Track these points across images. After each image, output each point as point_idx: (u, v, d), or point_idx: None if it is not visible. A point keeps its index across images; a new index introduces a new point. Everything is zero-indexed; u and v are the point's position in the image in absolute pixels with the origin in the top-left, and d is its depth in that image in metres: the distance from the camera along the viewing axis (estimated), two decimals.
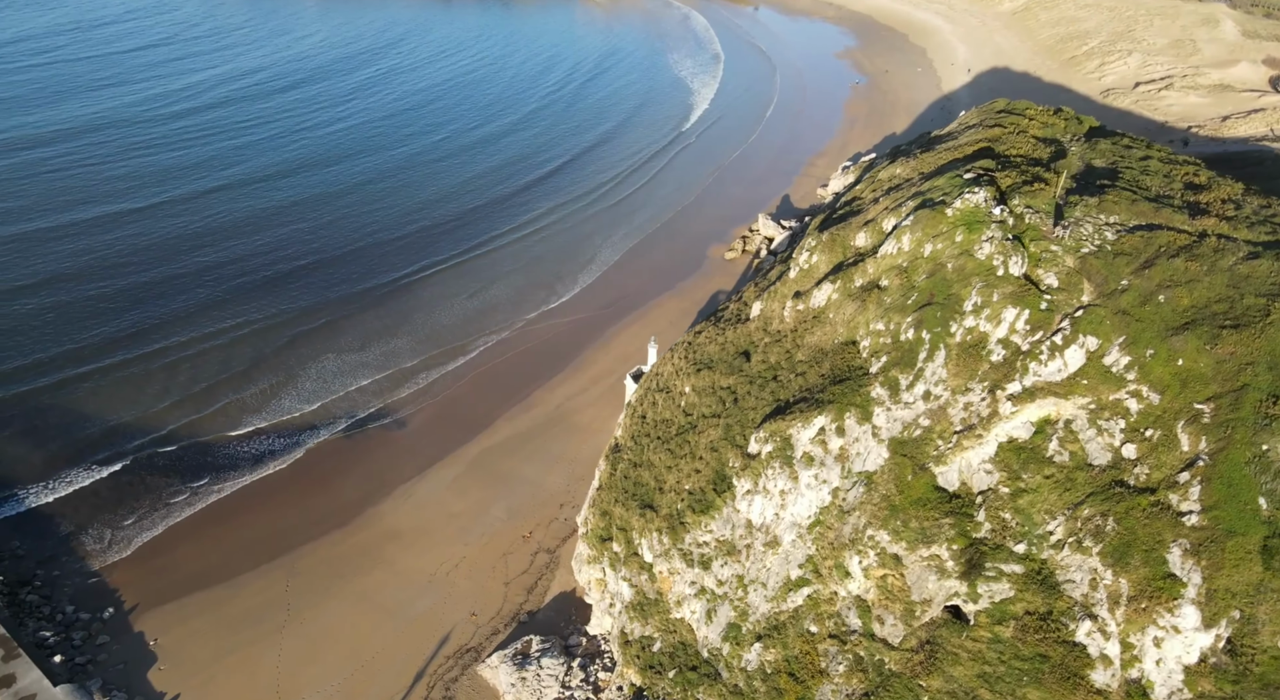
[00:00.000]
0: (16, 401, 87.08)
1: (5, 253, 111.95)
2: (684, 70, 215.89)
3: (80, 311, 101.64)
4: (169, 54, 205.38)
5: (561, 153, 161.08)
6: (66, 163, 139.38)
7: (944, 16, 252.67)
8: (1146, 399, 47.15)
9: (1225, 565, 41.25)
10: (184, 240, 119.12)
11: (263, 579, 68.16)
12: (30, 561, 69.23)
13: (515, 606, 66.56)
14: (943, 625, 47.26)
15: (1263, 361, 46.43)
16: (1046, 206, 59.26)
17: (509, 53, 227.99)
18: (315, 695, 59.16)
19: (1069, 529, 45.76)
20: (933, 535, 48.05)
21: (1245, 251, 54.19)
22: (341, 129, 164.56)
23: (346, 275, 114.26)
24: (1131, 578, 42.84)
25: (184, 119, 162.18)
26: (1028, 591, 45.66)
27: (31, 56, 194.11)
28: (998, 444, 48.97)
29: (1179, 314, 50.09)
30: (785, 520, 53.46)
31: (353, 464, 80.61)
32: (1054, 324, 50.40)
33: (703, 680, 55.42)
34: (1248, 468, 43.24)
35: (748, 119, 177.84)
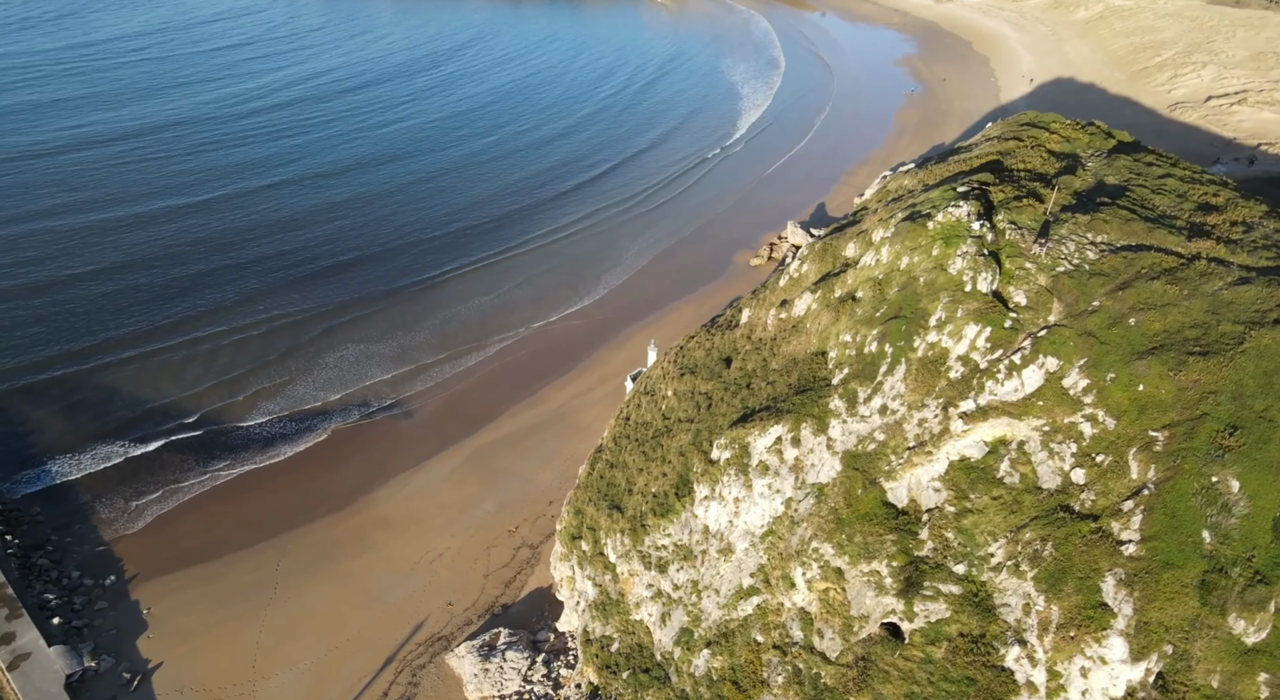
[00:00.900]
0: (69, 380, 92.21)
1: (74, 241, 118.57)
2: (742, 76, 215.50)
3: (136, 298, 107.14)
4: (248, 55, 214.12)
5: (609, 157, 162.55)
6: (138, 157, 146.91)
7: (1013, 24, 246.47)
8: (1102, 424, 45.97)
9: (1158, 598, 40.08)
10: (236, 234, 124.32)
11: (256, 557, 71.04)
12: (47, 527, 73.50)
13: (491, 599, 68.00)
14: (879, 642, 46.86)
15: (1227, 391, 44.86)
16: (1032, 223, 58.04)
17: (573, 57, 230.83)
18: (288, 672, 61.51)
19: (1009, 552, 44.95)
20: (875, 551, 47.69)
21: (1236, 276, 52.36)
22: (397, 130, 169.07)
23: (384, 272, 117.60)
24: (1063, 605, 41.91)
25: (250, 118, 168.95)
26: (963, 613, 44.99)
27: (121, 55, 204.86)
28: (948, 462, 48.30)
29: (1148, 338, 48.64)
30: (739, 528, 53.61)
31: (357, 451, 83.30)
32: (1016, 343, 49.46)
33: (653, 683, 55.91)
34: (1194, 499, 41.89)
35: (797, 126, 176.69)
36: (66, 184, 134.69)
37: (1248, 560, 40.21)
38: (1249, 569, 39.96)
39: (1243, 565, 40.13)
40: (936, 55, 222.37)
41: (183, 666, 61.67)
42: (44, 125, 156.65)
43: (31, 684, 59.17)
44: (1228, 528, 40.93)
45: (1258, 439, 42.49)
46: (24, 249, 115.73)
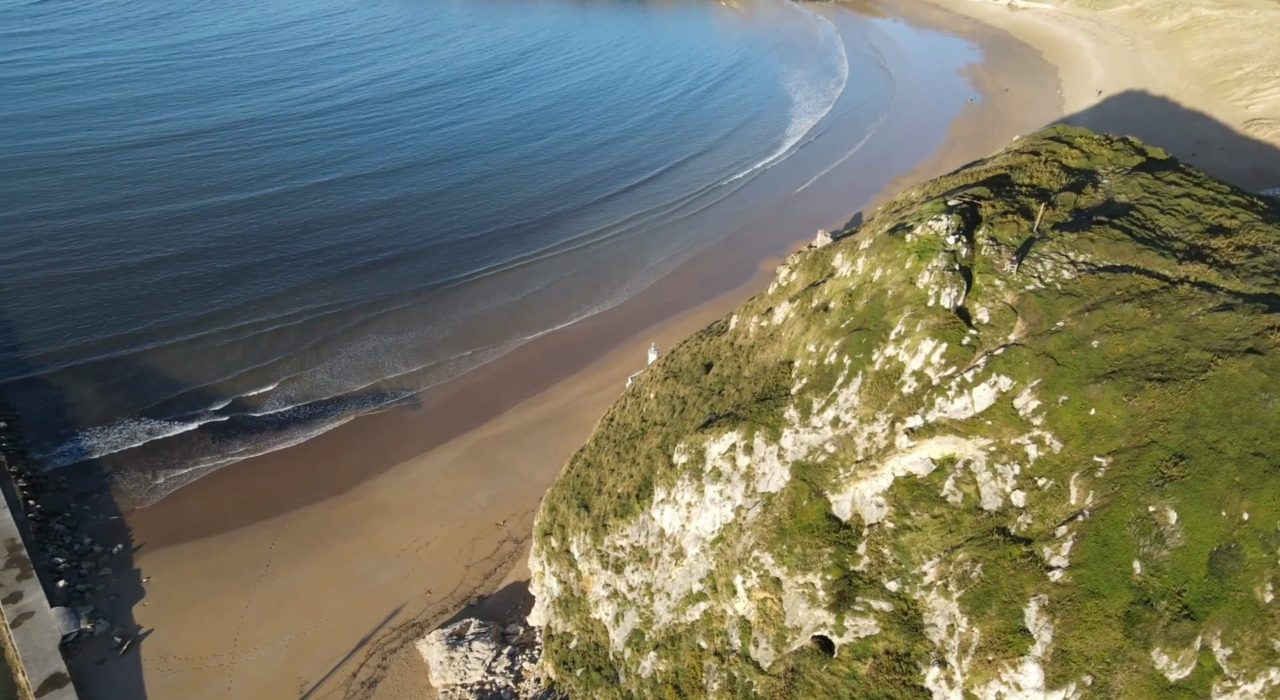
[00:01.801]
0: (116, 363, 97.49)
1: (139, 231, 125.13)
2: (803, 83, 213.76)
3: (187, 286, 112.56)
4: (323, 56, 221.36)
5: (658, 163, 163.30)
6: (206, 153, 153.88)
7: (1089, 34, 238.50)
8: (1048, 447, 45.00)
9: (1079, 627, 39.18)
10: (287, 229, 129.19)
11: (254, 535, 74.18)
12: (69, 495, 78.05)
13: (469, 589, 69.63)
14: (809, 655, 46.72)
15: (1180, 419, 43.48)
16: (1014, 239, 56.88)
17: (638, 62, 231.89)
18: (266, 647, 64.15)
19: (940, 572, 44.38)
20: (812, 563, 47.57)
21: (1219, 302, 50.55)
22: (452, 132, 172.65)
23: (420, 270, 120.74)
24: (985, 628, 41.25)
25: (314, 117, 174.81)
26: (891, 630, 44.59)
27: (206, 56, 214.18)
28: (893, 478, 47.85)
29: (1109, 362, 47.34)
30: (690, 533, 53.97)
31: (364, 438, 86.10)
32: (971, 360, 48.70)
33: (604, 682, 56.63)
34: (1129, 529, 40.79)
35: (849, 134, 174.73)
36: (139, 177, 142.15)
37: (1177, 594, 38.98)
38: (1177, 603, 38.76)
39: (1171, 599, 38.93)
40: (1002, 64, 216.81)
41: (171, 635, 64.89)
42: (127, 121, 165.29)
43: (31, 642, 63.04)
44: (1159, 560, 39.77)
45: (1203, 471, 41.13)
46: (93, 237, 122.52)
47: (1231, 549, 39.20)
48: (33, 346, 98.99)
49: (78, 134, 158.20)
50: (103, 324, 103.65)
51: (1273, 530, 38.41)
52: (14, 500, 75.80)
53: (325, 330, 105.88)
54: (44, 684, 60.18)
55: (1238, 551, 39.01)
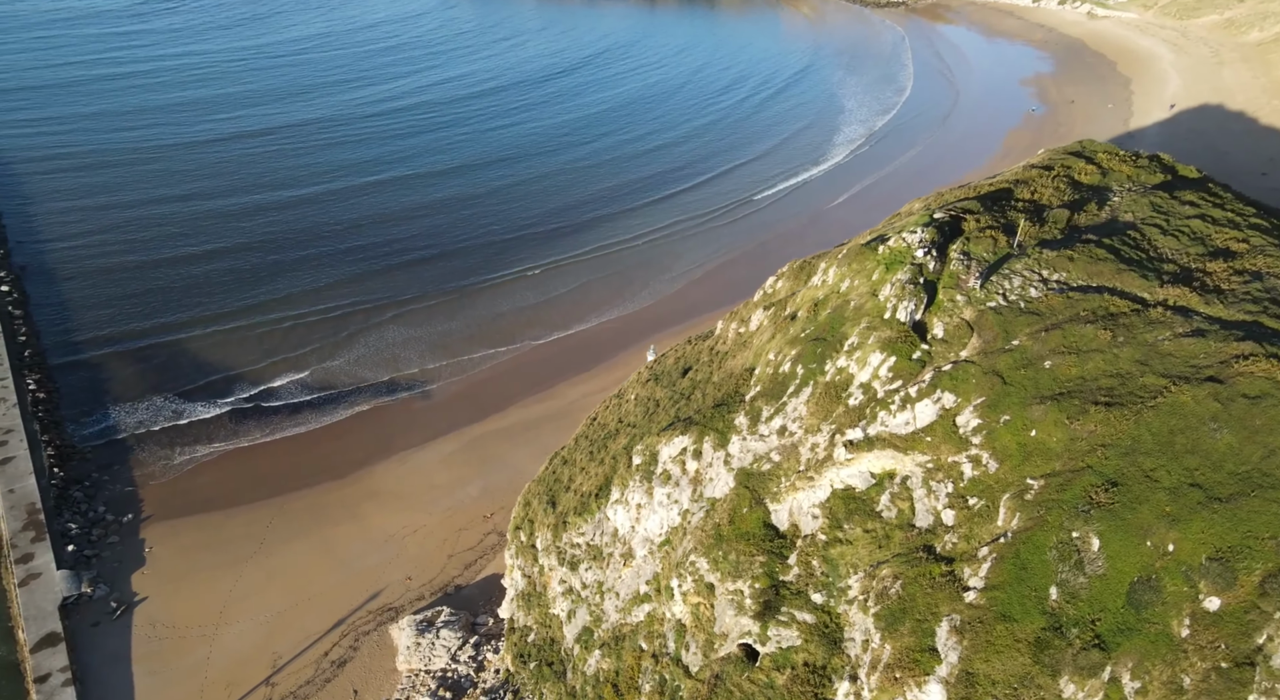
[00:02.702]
0: (161, 347, 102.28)
1: (198, 223, 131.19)
2: (863, 91, 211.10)
3: (236, 277, 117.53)
4: (394, 58, 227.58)
5: (704, 170, 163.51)
6: (270, 151, 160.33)
7: (1170, 44, 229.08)
8: (984, 466, 44.21)
9: (987, 649, 38.46)
10: (335, 225, 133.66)
11: (254, 513, 77.32)
12: (92, 465, 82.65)
13: (448, 578, 71.32)
14: (733, 661, 46.79)
15: (1120, 445, 42.27)
16: (987, 255, 55.84)
17: (702, 68, 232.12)
18: (248, 622, 66.95)
19: (864, 586, 44.00)
20: (743, 570, 47.64)
21: (1191, 328, 48.85)
22: (507, 135, 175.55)
23: (455, 269, 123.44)
24: (896, 645, 40.76)
25: (376, 118, 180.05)
26: (812, 642, 44.38)
27: (283, 57, 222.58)
28: (831, 490, 47.58)
29: (1058, 383, 46.19)
30: (639, 534, 54.49)
31: (372, 426, 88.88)
32: (918, 375, 48.11)
33: (552, 676, 57.53)
34: (1049, 553, 39.85)
35: (901, 145, 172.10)
36: (204, 173, 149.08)
37: (1091, 623, 37.93)
38: (1089, 632, 37.72)
39: (1083, 627, 37.90)
40: (1072, 75, 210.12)
41: (163, 604, 68.24)
42: (201, 119, 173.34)
43: (34, 601, 67.11)
44: (1076, 587, 38.79)
45: (1133, 498, 39.96)
46: (153, 228, 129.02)
47: (1151, 580, 38.03)
48: (85, 330, 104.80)
49: (156, 129, 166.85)
50: (152, 310, 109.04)
51: (1196, 564, 37.15)
52: (40, 467, 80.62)
53: (357, 323, 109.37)
54: (39, 641, 63.97)
55: (1157, 583, 37.82)
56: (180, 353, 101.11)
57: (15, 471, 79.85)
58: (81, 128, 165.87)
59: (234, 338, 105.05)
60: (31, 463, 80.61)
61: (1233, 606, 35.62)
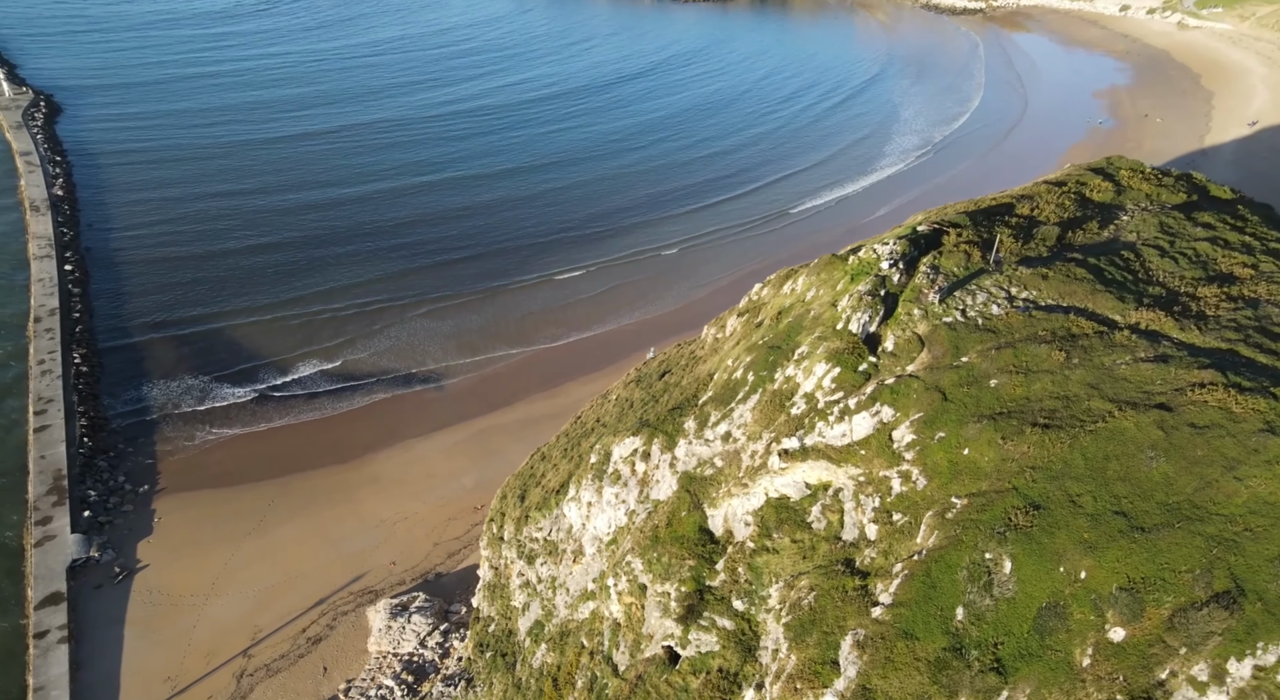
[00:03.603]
0: (203, 334, 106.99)
1: (255, 218, 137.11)
2: (928, 102, 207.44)
3: (282, 270, 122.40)
4: (463, 62, 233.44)
5: (752, 179, 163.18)
6: (332, 151, 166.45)
7: (1263, 57, 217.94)
8: (912, 482, 43.56)
9: (886, 666, 37.93)
10: (382, 224, 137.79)
11: (259, 491, 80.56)
12: (119, 437, 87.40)
13: (430, 566, 73.11)
14: (657, 663, 47.06)
15: (1051, 469, 41.19)
16: (958, 269, 54.85)
17: (767, 75, 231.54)
18: (236, 594, 69.89)
19: (782, 596, 43.80)
20: (673, 573, 47.89)
21: (1156, 353, 47.25)
22: (562, 140, 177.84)
23: (491, 269, 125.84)
24: (801, 656, 40.50)
25: (436, 120, 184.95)
26: (729, 649, 44.38)
27: (355, 59, 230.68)
28: (765, 498, 47.48)
29: (1001, 402, 45.15)
30: (589, 532, 55.16)
31: (383, 414, 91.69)
32: (860, 387, 47.67)
33: (503, 667, 58.57)
34: (960, 573, 39.11)
35: (954, 158, 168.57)
36: (267, 170, 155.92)
37: (994, 646, 37.09)
38: (990, 655, 36.90)
39: (985, 650, 37.10)
40: (1149, 88, 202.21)
41: (162, 572, 71.78)
42: (273, 118, 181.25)
43: (45, 562, 71.42)
44: (983, 608, 37.99)
45: (1053, 523, 38.97)
46: (212, 221, 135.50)
47: (1059, 607, 37.06)
48: (135, 312, 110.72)
49: (230, 127, 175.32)
50: (199, 299, 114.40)
51: (1107, 593, 36.09)
52: (72, 436, 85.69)
53: (389, 318, 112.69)
54: (44, 600, 68.05)
55: (1064, 610, 36.85)
56: (219, 339, 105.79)
57: (49, 439, 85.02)
58: (162, 124, 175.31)
59: (273, 327, 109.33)
60: (65, 432, 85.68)
61: (1137, 638, 34.56)
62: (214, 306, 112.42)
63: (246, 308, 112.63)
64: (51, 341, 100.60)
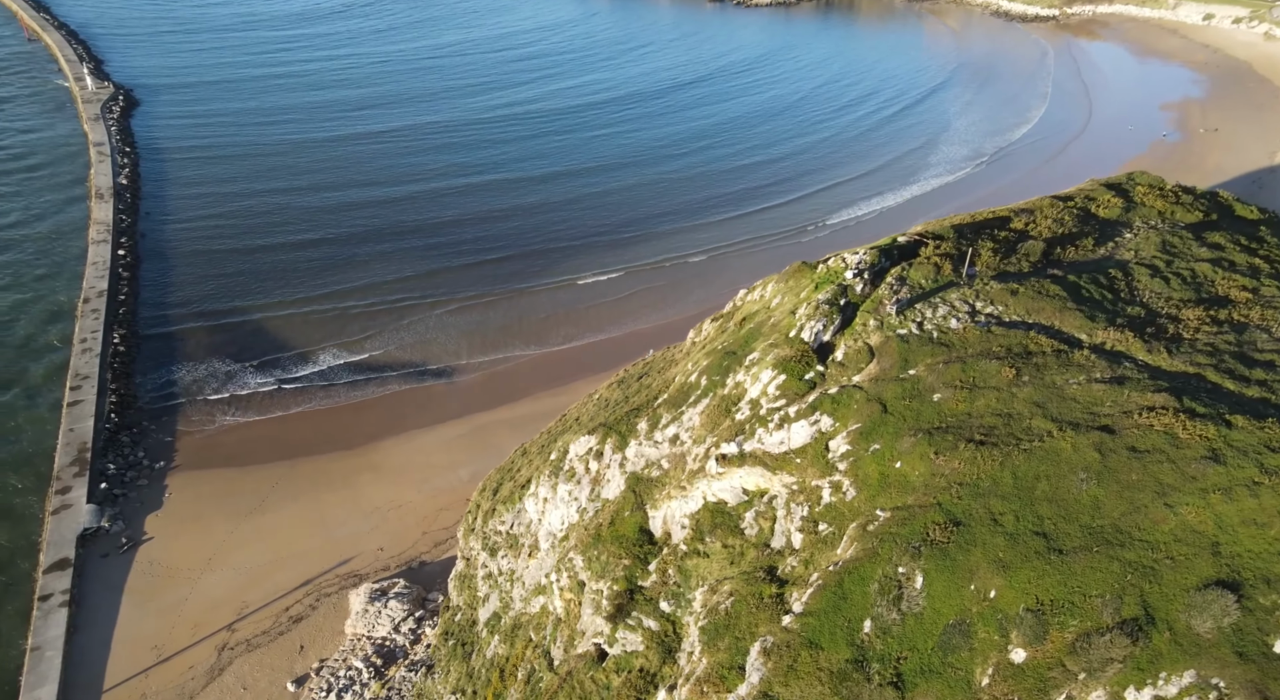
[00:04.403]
0: (238, 324, 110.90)
1: (298, 215, 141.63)
2: (989, 113, 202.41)
3: (322, 265, 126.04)
4: (524, 66, 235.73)
5: (794, 189, 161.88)
6: (382, 151, 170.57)
7: None
8: (842, 493, 43.25)
9: (789, 674, 37.82)
10: (422, 224, 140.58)
11: (265, 473, 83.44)
12: (145, 415, 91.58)
13: (416, 554, 74.79)
14: (587, 660, 47.54)
15: (978, 486, 40.51)
16: (926, 282, 54.12)
17: (826, 83, 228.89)
18: (230, 571, 72.62)
19: (704, 600, 43.88)
20: (609, 572, 48.33)
21: (1113, 374, 46.02)
22: (609, 145, 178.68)
23: (520, 270, 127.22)
24: (711, 660, 40.58)
25: (488, 124, 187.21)
26: (652, 649, 44.61)
27: (418, 62, 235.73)
28: (703, 502, 47.60)
29: (942, 416, 44.45)
30: (544, 528, 55.96)
31: (392, 404, 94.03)
32: (804, 396, 47.45)
33: (462, 656, 59.71)
34: (872, 586, 38.74)
35: (1003, 172, 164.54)
36: (318, 168, 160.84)
37: (896, 660, 36.69)
38: (891, 669, 36.51)
39: (887, 664, 36.71)
40: (1223, 101, 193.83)
41: (164, 545, 75.04)
42: (333, 119, 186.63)
43: (59, 529, 75.36)
44: (889, 622, 37.60)
45: (969, 540, 38.38)
46: (260, 216, 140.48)
47: (965, 625, 36.49)
48: (177, 297, 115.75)
49: (290, 126, 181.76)
50: (239, 290, 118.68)
51: (1013, 613, 35.45)
52: (100, 412, 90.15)
53: (416, 315, 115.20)
54: (53, 565, 71.81)
55: (970, 629, 36.29)
56: (253, 329, 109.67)
57: (79, 413, 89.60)
58: (228, 122, 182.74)
59: (304, 320, 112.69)
60: (95, 408, 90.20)
61: (1038, 661, 33.95)
62: (252, 298, 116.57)
63: (281, 301, 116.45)
64: (96, 321, 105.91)
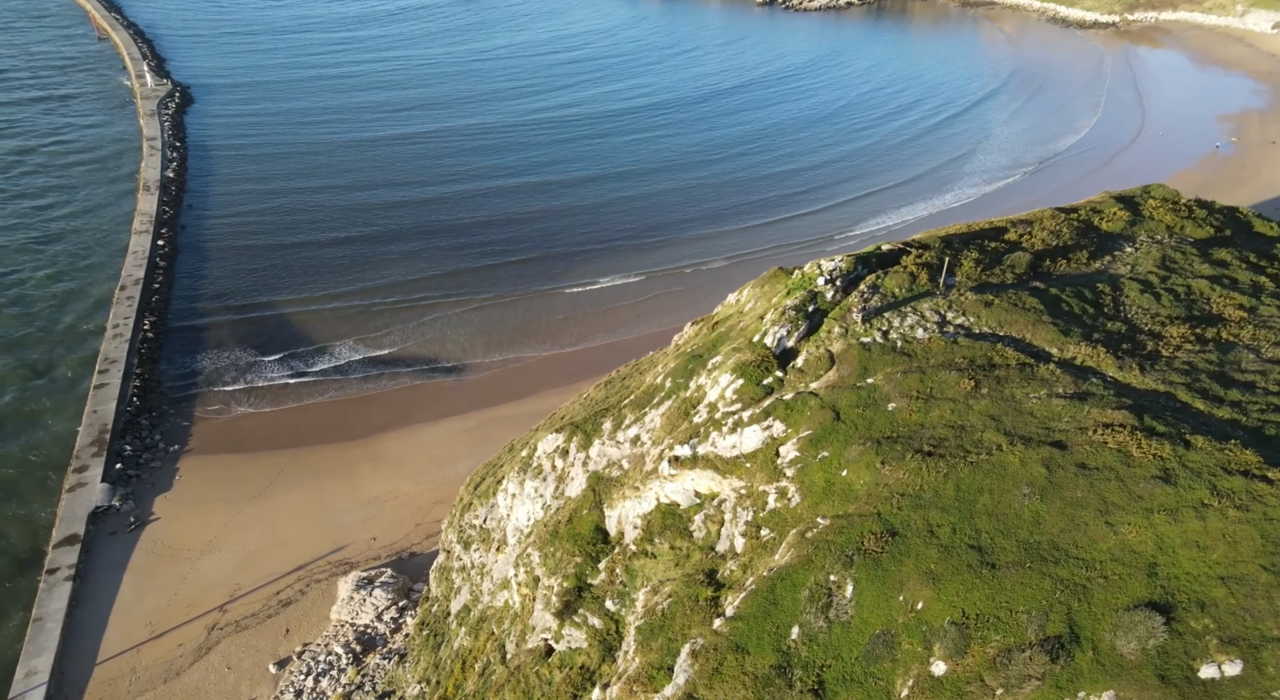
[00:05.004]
0: (267, 318, 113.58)
1: (334, 213, 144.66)
2: (1036, 123, 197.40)
3: (353, 262, 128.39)
4: (569, 70, 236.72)
5: (829, 196, 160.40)
6: (422, 152, 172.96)
7: None
8: (788, 499, 43.10)
9: (714, 677, 37.83)
10: (454, 224, 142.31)
11: (272, 460, 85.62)
12: (165, 400, 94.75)
13: (407, 544, 76.09)
14: (535, 655, 48.05)
15: (920, 497, 40.09)
16: (899, 291, 53.59)
17: (873, 91, 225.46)
18: (227, 553, 74.71)
19: (646, 600, 44.05)
20: (561, 569, 48.78)
21: (1076, 390, 45.14)
22: (646, 150, 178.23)
23: (543, 272, 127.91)
24: (644, 659, 40.76)
25: (527, 127, 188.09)
26: (594, 647, 44.92)
27: (465, 64, 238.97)
28: (656, 503, 47.78)
29: (894, 426, 44.01)
30: (512, 523, 56.65)
31: (401, 398, 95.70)
32: (759, 400, 47.38)
33: (431, 646, 60.65)
34: (803, 592, 38.59)
35: (1045, 183, 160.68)
36: (357, 168, 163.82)
37: (820, 668, 36.53)
38: (813, 677, 36.35)
39: (810, 671, 36.55)
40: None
41: (168, 525, 77.55)
42: (375, 120, 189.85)
43: (72, 506, 78.37)
44: (816, 630, 37.46)
45: (903, 551, 38.07)
46: (297, 214, 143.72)
47: (890, 635, 36.22)
48: (209, 289, 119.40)
49: (334, 126, 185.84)
50: (269, 285, 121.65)
51: (939, 626, 35.15)
52: (123, 395, 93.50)
53: (437, 313, 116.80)
54: (63, 540, 74.72)
55: (894, 639, 36.02)
56: (277, 323, 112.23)
57: (104, 396, 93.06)
58: (275, 121, 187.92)
59: (328, 316, 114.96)
60: (119, 391, 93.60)
61: (957, 674, 33.61)
62: (280, 293, 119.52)
63: (308, 296, 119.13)
64: (129, 309, 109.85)
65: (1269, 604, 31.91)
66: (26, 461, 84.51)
